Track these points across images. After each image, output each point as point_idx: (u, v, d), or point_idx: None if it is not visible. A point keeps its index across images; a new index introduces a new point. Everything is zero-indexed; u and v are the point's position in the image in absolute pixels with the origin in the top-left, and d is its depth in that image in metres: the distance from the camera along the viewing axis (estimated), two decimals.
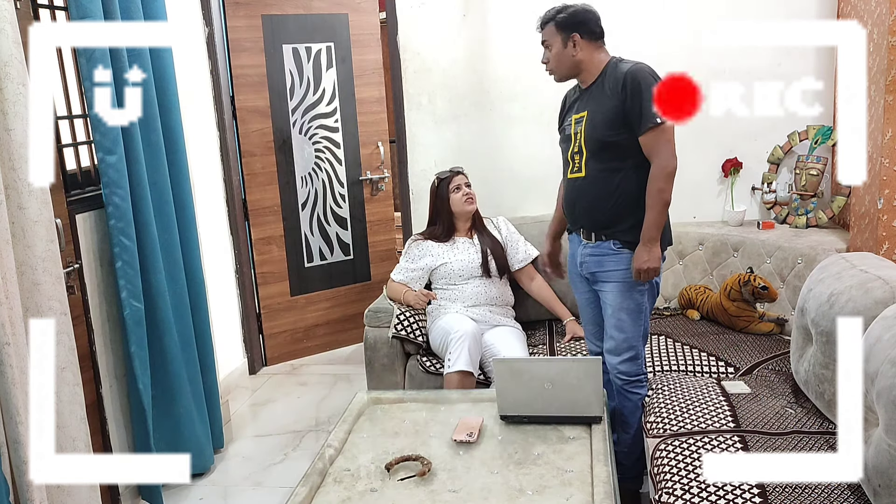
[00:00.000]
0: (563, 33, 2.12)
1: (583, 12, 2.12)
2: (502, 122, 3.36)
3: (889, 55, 2.26)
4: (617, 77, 2.08)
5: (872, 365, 1.51)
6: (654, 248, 2.09)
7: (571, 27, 2.11)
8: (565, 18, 2.11)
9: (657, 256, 2.10)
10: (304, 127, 3.71)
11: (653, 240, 2.08)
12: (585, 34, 2.11)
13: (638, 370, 2.25)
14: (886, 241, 2.37)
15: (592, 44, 2.13)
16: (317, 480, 1.81)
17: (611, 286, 2.21)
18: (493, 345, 2.69)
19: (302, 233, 3.80)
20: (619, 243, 2.17)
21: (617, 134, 2.08)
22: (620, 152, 2.10)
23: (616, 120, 2.08)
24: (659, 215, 2.07)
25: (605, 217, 2.18)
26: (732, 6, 3.07)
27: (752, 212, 3.24)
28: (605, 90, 2.11)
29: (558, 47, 2.14)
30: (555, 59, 2.16)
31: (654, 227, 2.07)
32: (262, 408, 3.35)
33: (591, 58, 2.13)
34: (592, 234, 2.22)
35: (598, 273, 2.24)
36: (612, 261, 2.19)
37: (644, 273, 2.10)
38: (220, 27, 3.42)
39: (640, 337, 2.23)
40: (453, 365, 2.54)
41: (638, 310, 2.20)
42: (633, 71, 2.05)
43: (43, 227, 1.86)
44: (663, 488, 1.77)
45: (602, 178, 2.15)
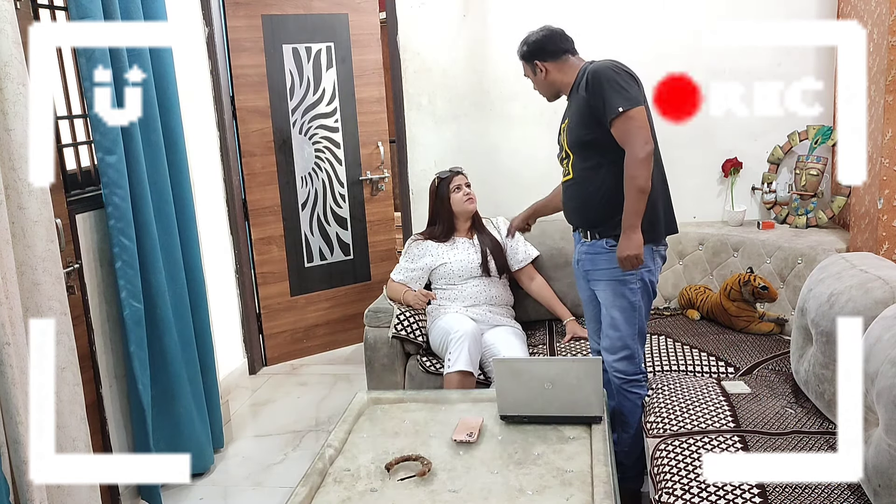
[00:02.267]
0: (529, 64, 2.26)
1: (538, 39, 2.23)
2: (502, 122, 3.36)
3: (889, 55, 2.26)
4: (582, 78, 2.15)
5: (872, 365, 1.51)
6: (635, 235, 2.08)
7: (532, 56, 2.24)
8: (525, 51, 2.26)
9: (638, 243, 2.08)
10: (304, 127, 3.71)
11: (632, 227, 2.08)
12: (547, 57, 2.22)
13: (635, 369, 2.26)
14: (886, 241, 2.37)
15: (557, 62, 2.23)
16: (317, 480, 1.81)
17: (603, 284, 2.24)
18: (493, 345, 2.69)
19: (302, 233, 3.80)
20: (611, 241, 2.19)
21: (591, 132, 2.13)
22: (599, 150, 2.14)
23: (587, 118, 2.13)
24: (636, 203, 2.06)
25: (594, 215, 2.22)
26: (732, 6, 3.06)
27: (752, 212, 3.24)
28: (578, 94, 2.18)
29: (532, 76, 2.29)
30: (537, 86, 2.31)
31: (632, 215, 2.07)
32: (262, 408, 3.35)
33: (561, 75, 2.24)
34: (588, 232, 2.27)
35: (592, 271, 2.27)
36: (604, 259, 2.21)
37: (626, 261, 2.09)
38: (220, 27, 3.42)
39: (636, 335, 2.23)
40: (453, 365, 2.54)
41: (631, 308, 2.20)
42: (593, 68, 2.11)
43: (43, 227, 1.86)
44: (663, 488, 1.77)
45: (586, 177, 2.21)
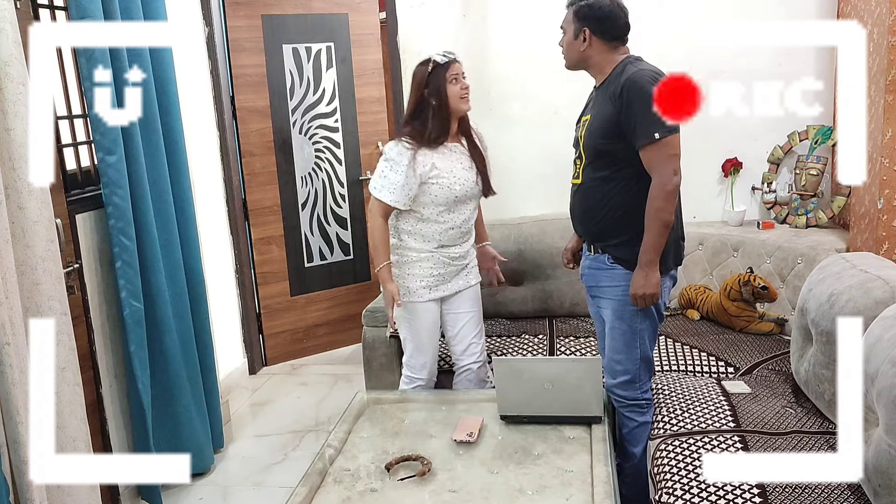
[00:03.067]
0: (577, 23, 1.99)
1: (605, 9, 1.96)
2: (502, 121, 3.36)
3: (889, 55, 2.26)
4: (619, 82, 1.92)
5: (872, 365, 1.51)
6: (652, 273, 1.93)
7: (586, 20, 1.97)
8: (583, 9, 1.97)
9: (655, 282, 1.93)
10: (304, 127, 3.71)
11: (650, 263, 1.92)
12: (598, 32, 1.97)
13: (635, 395, 2.10)
14: (886, 241, 2.37)
15: (606, 43, 1.98)
16: (317, 480, 1.81)
17: (605, 303, 2.09)
18: (454, 335, 2.48)
19: (302, 233, 3.80)
20: (612, 258, 2.04)
21: (611, 143, 1.95)
22: (615, 161, 1.97)
23: (611, 129, 1.94)
24: (658, 237, 1.90)
25: (596, 228, 2.06)
26: (732, 6, 3.07)
27: (752, 212, 3.24)
28: (608, 94, 1.96)
29: (570, 36, 2.02)
30: (565, 47, 2.05)
31: (651, 250, 1.91)
32: (262, 408, 3.35)
33: (600, 57, 2.00)
34: (592, 245, 2.12)
35: (594, 287, 2.14)
36: (606, 276, 2.07)
37: (640, 299, 1.95)
38: (220, 27, 3.42)
39: (637, 361, 2.07)
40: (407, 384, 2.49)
41: (631, 333, 2.05)
42: (633, 78, 1.88)
43: (43, 227, 1.86)
44: (663, 488, 1.77)
45: (594, 187, 2.03)
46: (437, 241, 2.35)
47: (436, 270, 2.37)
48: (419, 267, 2.36)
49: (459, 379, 2.52)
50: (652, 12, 3.13)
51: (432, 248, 2.36)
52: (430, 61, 2.27)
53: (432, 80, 2.26)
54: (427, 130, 2.28)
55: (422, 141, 2.28)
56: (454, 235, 2.37)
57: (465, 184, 2.32)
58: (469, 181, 2.34)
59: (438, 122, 2.28)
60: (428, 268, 2.36)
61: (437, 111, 2.27)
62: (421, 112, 2.29)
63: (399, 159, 2.25)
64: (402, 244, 2.37)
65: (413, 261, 2.36)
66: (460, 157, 2.35)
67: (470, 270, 2.48)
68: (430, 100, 2.28)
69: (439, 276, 2.38)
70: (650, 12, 3.13)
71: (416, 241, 2.36)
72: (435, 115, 2.28)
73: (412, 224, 2.35)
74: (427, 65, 2.27)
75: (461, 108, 2.31)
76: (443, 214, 2.32)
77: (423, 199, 2.31)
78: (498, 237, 3.08)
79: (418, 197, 2.30)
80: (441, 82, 2.26)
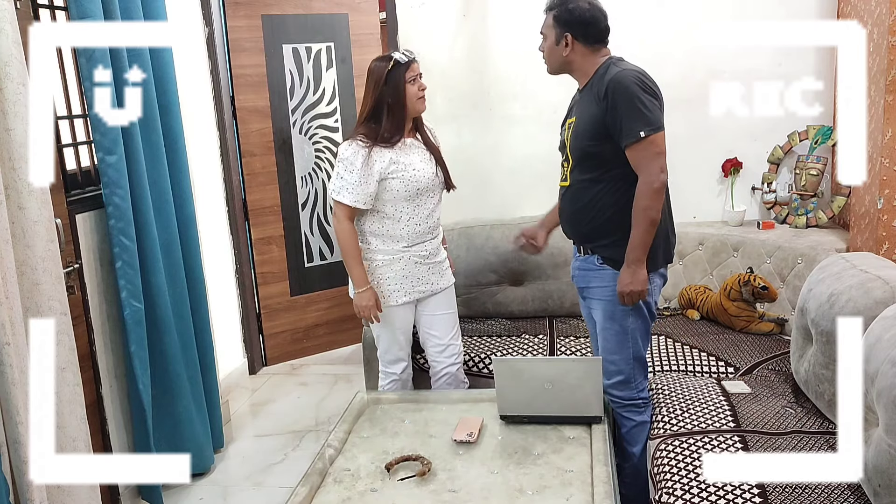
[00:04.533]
0: (557, 28, 1.98)
1: (585, 12, 1.96)
2: (502, 122, 3.36)
3: (889, 55, 2.26)
4: (603, 83, 1.92)
5: (872, 365, 1.51)
6: (639, 270, 1.94)
7: (567, 25, 1.97)
8: (564, 14, 1.97)
9: (642, 279, 1.95)
10: (304, 127, 3.71)
11: (637, 261, 1.94)
12: (580, 36, 1.97)
13: (631, 395, 2.12)
14: (886, 241, 2.37)
15: (587, 47, 1.99)
16: (317, 480, 1.81)
17: (595, 304, 2.11)
18: (431, 337, 2.49)
19: (302, 233, 3.80)
20: (601, 259, 2.06)
21: (598, 144, 1.96)
22: (602, 163, 1.98)
23: (597, 130, 1.95)
24: (644, 234, 1.92)
25: (585, 229, 2.08)
26: (732, 6, 3.06)
27: (752, 212, 3.24)
28: (592, 96, 1.97)
29: (551, 42, 2.02)
30: (547, 52, 2.06)
31: (638, 248, 1.93)
32: (262, 408, 3.35)
33: (583, 60, 2.00)
34: (581, 246, 2.14)
35: (584, 289, 2.16)
36: (595, 277, 2.08)
37: (627, 296, 1.97)
38: (220, 27, 3.42)
39: (631, 360, 2.09)
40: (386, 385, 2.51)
41: (623, 333, 2.07)
42: (617, 79, 1.89)
43: (43, 227, 1.86)
44: (663, 488, 1.77)
45: (582, 189, 2.04)
46: (405, 239, 2.33)
47: (407, 271, 2.35)
48: (390, 269, 2.34)
49: (439, 383, 2.52)
50: (652, 12, 3.13)
51: (401, 247, 2.33)
52: (390, 59, 2.24)
53: (391, 78, 2.23)
54: (382, 130, 2.25)
55: (377, 140, 2.25)
56: (421, 231, 2.34)
57: (426, 175, 2.30)
58: (429, 172, 2.31)
59: (394, 121, 2.25)
60: (399, 269, 2.35)
61: (393, 110, 2.25)
62: (377, 112, 2.26)
63: (353, 159, 2.22)
64: (370, 247, 2.35)
65: (384, 264, 2.34)
66: (418, 151, 2.33)
67: (444, 271, 2.47)
68: (386, 98, 2.24)
69: (412, 277, 2.37)
70: (650, 12, 3.13)
71: (384, 243, 2.33)
72: (391, 114, 2.25)
73: (377, 225, 2.32)
74: (387, 62, 2.24)
75: (418, 108, 2.30)
76: (406, 210, 2.30)
77: (385, 196, 2.28)
78: (498, 237, 3.09)
79: (380, 194, 2.27)
80: (400, 81, 2.23)
